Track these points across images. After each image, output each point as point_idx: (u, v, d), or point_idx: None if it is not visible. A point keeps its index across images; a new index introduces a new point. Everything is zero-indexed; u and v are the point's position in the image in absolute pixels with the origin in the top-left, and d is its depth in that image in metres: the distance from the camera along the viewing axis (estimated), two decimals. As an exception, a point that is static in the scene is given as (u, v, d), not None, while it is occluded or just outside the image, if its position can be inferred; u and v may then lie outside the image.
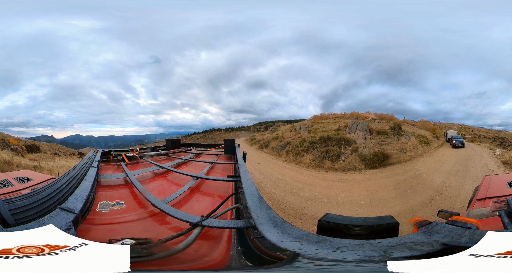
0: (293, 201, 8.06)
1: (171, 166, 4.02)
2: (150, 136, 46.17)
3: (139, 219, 2.12)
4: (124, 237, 1.47)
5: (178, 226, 1.85)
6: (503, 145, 18.97)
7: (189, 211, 2.02)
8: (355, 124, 19.13)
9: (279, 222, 1.57)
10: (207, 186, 3.06)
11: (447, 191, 8.36)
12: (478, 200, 3.29)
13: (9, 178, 4.13)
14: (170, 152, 5.74)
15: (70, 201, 1.82)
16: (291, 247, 1.27)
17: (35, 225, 1.40)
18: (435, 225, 1.44)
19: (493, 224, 2.24)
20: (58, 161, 16.15)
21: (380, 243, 1.27)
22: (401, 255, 1.15)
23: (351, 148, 16.18)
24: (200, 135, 39.86)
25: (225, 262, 1.49)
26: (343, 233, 1.47)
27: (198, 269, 1.42)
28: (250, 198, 1.97)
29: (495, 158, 13.49)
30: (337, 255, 1.18)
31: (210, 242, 1.72)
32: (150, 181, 3.31)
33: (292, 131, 23.25)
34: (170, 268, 1.32)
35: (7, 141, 18.11)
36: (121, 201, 2.40)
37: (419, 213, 6.93)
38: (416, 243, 1.26)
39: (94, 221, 2.00)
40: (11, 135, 21.18)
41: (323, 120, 25.13)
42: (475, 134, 22.76)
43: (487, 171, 10.95)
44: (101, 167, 3.72)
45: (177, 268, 1.34)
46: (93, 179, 2.56)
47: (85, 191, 2.10)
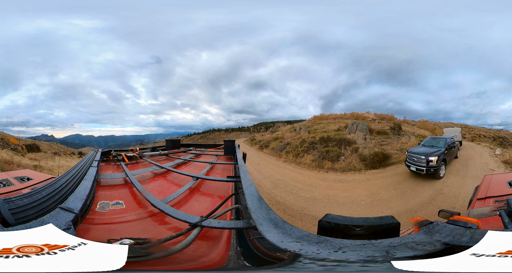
0: (293, 202, 8.05)
1: (171, 166, 4.01)
2: (150, 136, 46.18)
3: (138, 219, 2.11)
4: (123, 237, 1.47)
5: (178, 226, 1.85)
6: (503, 144, 18.92)
7: (188, 211, 2.01)
8: (355, 125, 19.12)
9: (279, 223, 1.56)
10: (207, 187, 3.06)
11: (448, 191, 8.36)
12: (478, 200, 3.29)
13: (9, 177, 4.12)
14: (170, 152, 5.73)
15: (70, 201, 1.82)
16: (292, 248, 1.27)
17: (35, 224, 1.41)
18: (436, 225, 1.44)
19: (494, 224, 2.24)
20: (58, 160, 16.15)
21: (382, 243, 1.26)
22: (404, 255, 1.15)
23: (351, 148, 16.18)
24: (200, 135, 39.89)
25: (223, 263, 1.48)
26: (344, 233, 1.46)
27: (194, 269, 1.42)
28: (250, 198, 1.96)
29: (495, 158, 13.48)
30: (339, 256, 1.17)
31: (209, 243, 1.71)
32: (150, 181, 3.31)
33: (292, 132, 23.25)
34: (165, 268, 1.32)
35: (7, 140, 18.11)
36: (121, 201, 2.40)
37: (420, 213, 6.93)
38: (418, 243, 1.26)
39: (94, 220, 1.99)
40: (11, 135, 21.22)
41: (323, 120, 25.13)
42: (475, 134, 22.73)
43: (487, 170, 10.94)
44: (101, 167, 3.71)
45: (173, 268, 1.34)
46: (93, 178, 2.55)
47: (85, 191, 2.09)
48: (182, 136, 39.46)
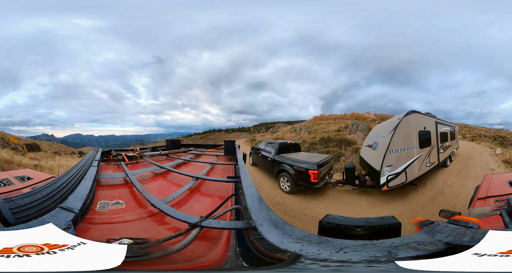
0: (293, 202, 8.05)
1: (171, 166, 4.01)
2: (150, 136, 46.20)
3: (138, 219, 2.11)
4: (122, 237, 1.46)
5: (177, 226, 1.84)
6: (504, 144, 18.89)
7: (188, 211, 2.01)
8: (355, 125, 19.11)
9: (279, 223, 1.56)
10: (207, 187, 3.05)
11: (448, 191, 8.35)
12: (479, 199, 3.29)
13: (10, 177, 4.12)
14: (170, 152, 5.74)
15: (70, 200, 1.82)
16: (292, 248, 1.26)
17: (35, 224, 1.41)
18: (437, 225, 1.44)
19: (494, 223, 2.24)
20: (59, 160, 16.16)
21: (383, 244, 1.26)
22: (407, 255, 1.15)
23: (351, 148, 16.18)
24: (201, 135, 39.88)
25: (220, 263, 1.48)
26: (344, 234, 1.46)
27: (191, 269, 1.41)
28: (250, 199, 1.96)
29: (496, 157, 13.47)
30: (341, 256, 1.17)
31: (209, 243, 1.71)
32: (150, 181, 3.31)
33: (292, 132, 23.26)
34: (162, 268, 1.32)
35: (7, 140, 18.13)
36: (121, 200, 2.40)
37: (421, 213, 6.93)
38: (420, 243, 1.26)
39: (93, 220, 1.99)
40: (12, 134, 21.21)
41: (323, 121, 25.12)
42: (476, 133, 22.72)
43: (488, 170, 10.92)
44: (101, 167, 3.71)
45: (169, 268, 1.33)
46: (93, 178, 2.55)
47: (85, 190, 2.09)
48: (183, 136, 39.51)
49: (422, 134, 8.19)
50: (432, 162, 8.94)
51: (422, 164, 8.13)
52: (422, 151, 8.14)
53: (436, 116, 10.10)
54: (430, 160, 8.76)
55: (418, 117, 8.19)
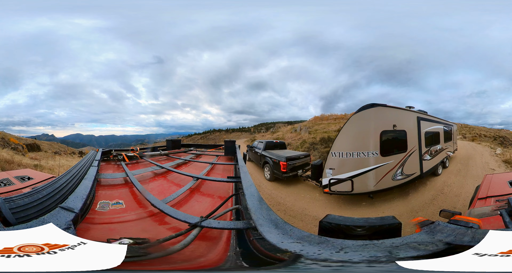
0: (293, 202, 8.05)
1: (171, 166, 4.01)
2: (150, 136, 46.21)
3: (138, 219, 2.11)
4: (122, 237, 1.46)
5: (177, 226, 1.84)
6: (504, 144, 18.86)
7: (188, 211, 2.01)
8: (355, 124, 19.06)
9: (279, 223, 1.56)
10: (207, 187, 3.05)
11: (449, 191, 8.34)
12: (479, 199, 3.29)
13: (10, 177, 4.13)
14: (171, 152, 5.74)
15: (70, 200, 1.82)
16: (292, 248, 1.26)
17: (36, 223, 1.41)
18: (437, 225, 1.44)
19: (495, 223, 2.23)
20: (59, 160, 16.17)
21: (384, 244, 1.26)
22: (407, 255, 1.15)
23: (351, 148, 16.19)
24: (201, 135, 39.87)
25: (220, 263, 1.48)
26: (345, 234, 1.46)
27: (190, 269, 1.41)
28: (250, 199, 1.96)
29: (496, 157, 13.45)
30: (341, 256, 1.17)
31: (208, 243, 1.71)
32: (150, 181, 3.31)
33: (292, 132, 23.25)
34: (162, 268, 1.32)
35: (7, 140, 18.13)
36: (121, 200, 2.40)
37: (421, 213, 6.92)
38: (420, 243, 1.26)
39: (94, 220, 1.99)
40: (12, 134, 21.22)
41: (323, 121, 25.11)
42: (476, 133, 22.71)
43: (488, 170, 10.90)
44: (102, 167, 3.71)
45: (169, 268, 1.33)
46: (93, 178, 2.55)
47: (85, 190, 2.09)
48: (183, 136, 39.52)
49: (390, 135, 6.28)
50: (409, 173, 6.79)
51: (385, 176, 6.18)
52: (388, 159, 6.10)
53: (427, 112, 8.21)
54: (405, 171, 6.67)
55: (382, 112, 6.24)
